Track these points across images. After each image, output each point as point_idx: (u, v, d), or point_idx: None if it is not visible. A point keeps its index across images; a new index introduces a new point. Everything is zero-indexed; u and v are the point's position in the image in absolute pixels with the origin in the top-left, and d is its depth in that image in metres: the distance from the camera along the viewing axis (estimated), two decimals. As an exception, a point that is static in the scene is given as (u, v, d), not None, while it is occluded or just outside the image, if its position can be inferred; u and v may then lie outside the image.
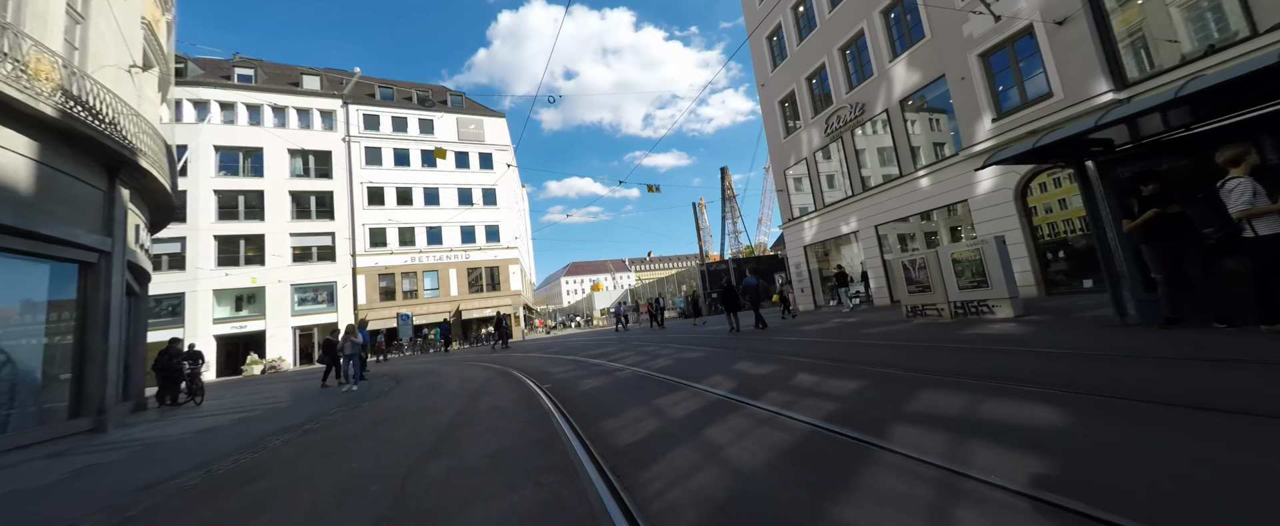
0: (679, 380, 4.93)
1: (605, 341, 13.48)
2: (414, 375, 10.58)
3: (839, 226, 15.06)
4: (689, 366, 6.02)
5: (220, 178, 27.04)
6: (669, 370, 5.82)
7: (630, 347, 10.17)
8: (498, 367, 9.46)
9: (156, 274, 26.12)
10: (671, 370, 5.80)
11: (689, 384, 4.62)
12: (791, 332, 9.13)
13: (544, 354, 11.50)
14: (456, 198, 32.91)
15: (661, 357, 7.37)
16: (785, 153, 17.71)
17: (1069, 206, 9.18)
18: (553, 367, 8.12)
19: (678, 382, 4.80)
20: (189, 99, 27.02)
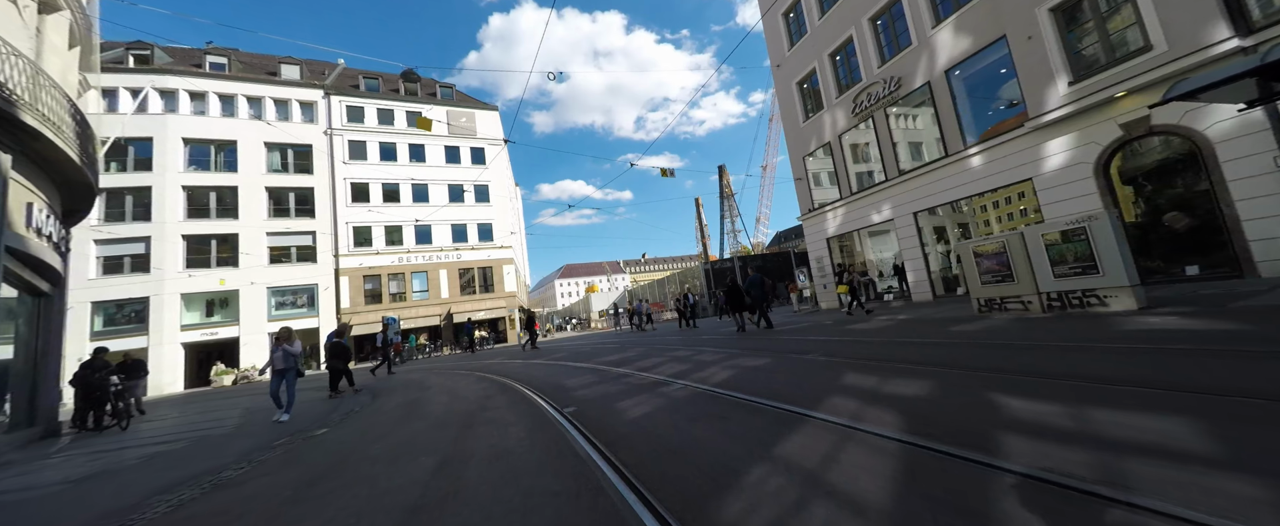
0: (778, 405, 3.41)
1: (619, 344, 11.94)
2: (394, 389, 8.96)
3: (869, 215, 13.69)
4: (764, 378, 4.52)
5: (190, 173, 25.08)
6: (742, 385, 4.29)
7: (656, 350, 8.66)
8: (495, 378, 7.90)
9: (117, 277, 24.11)
10: (745, 385, 4.28)
11: (804, 412, 3.11)
12: (847, 331, 7.66)
13: (550, 359, 9.95)
14: (447, 194, 31.17)
15: (710, 365, 5.84)
16: (804, 138, 16.34)
17: (1167, 181, 7.84)
18: (568, 379, 6.56)
19: (780, 409, 3.29)
20: (155, 87, 25.03)
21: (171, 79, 25.36)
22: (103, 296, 22.52)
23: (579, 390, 5.25)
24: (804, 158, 16.40)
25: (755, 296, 10.68)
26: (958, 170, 10.93)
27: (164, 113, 24.94)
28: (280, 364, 6.92)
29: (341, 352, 9.67)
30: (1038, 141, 9.16)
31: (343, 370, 9.57)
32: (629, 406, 4.01)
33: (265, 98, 27.39)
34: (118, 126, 23.90)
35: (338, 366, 9.56)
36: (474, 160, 32.75)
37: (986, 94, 10.47)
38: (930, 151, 11.96)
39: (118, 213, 23.68)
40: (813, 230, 16.28)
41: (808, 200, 16.42)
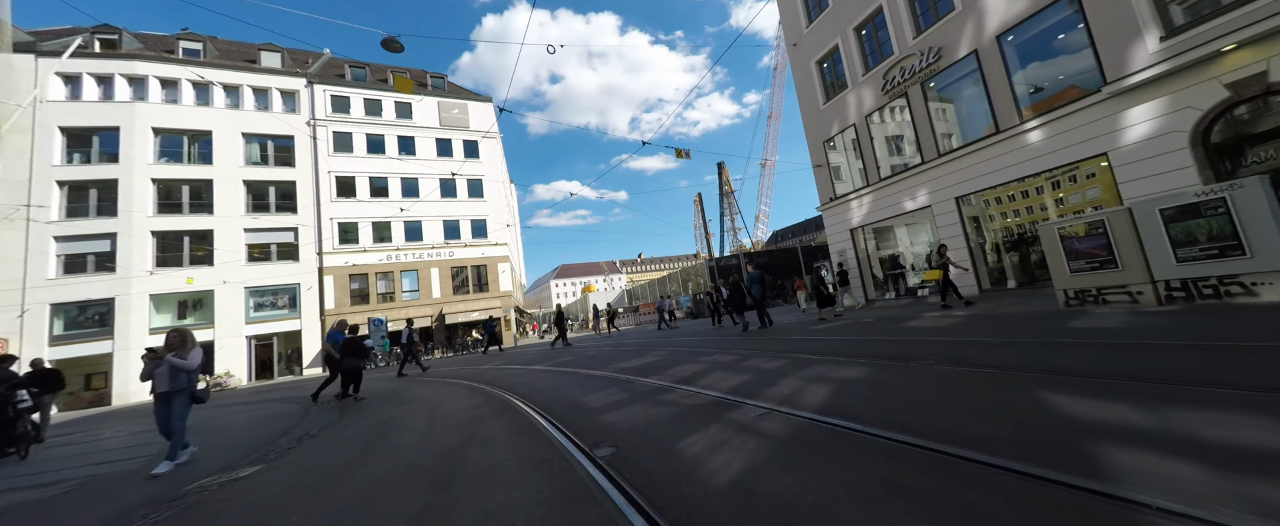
0: (989, 461, 2.09)
1: (638, 345, 10.60)
2: (367, 405, 7.56)
3: (901, 202, 12.46)
4: (892, 398, 3.20)
5: (160, 165, 23.40)
6: (867, 411, 2.94)
7: (685, 352, 7.33)
8: (490, 390, 6.54)
9: (80, 276, 22.36)
10: (877, 412, 2.92)
11: (1062, 480, 1.79)
12: (911, 329, 6.37)
13: (553, 364, 8.61)
14: (438, 189, 29.65)
15: (781, 376, 4.49)
16: (825, 122, 15.10)
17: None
18: (585, 393, 5.16)
19: (1000, 469, 1.97)
20: (122, 73, 23.34)
21: (141, 65, 23.67)
22: (63, 298, 20.83)
23: (606, 414, 3.84)
24: (824, 143, 15.17)
25: (756, 295, 10.38)
26: (1010, 148, 9.72)
27: (132, 101, 23.25)
28: (164, 384, 4.50)
29: (359, 350, 8.44)
30: (1116, 109, 7.95)
31: (358, 371, 8.38)
32: (695, 448, 2.61)
33: (243, 86, 25.75)
34: (82, 115, 22.26)
35: (356, 366, 8.36)
36: (467, 153, 31.27)
37: (1047, 60, 9.26)
38: (973, 129, 10.74)
39: (81, 207, 21.98)
40: (834, 221, 15.04)
41: (828, 189, 15.18)
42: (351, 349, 8.38)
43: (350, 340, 8.45)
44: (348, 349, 8.34)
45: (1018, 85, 9.61)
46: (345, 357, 8.26)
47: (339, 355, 8.33)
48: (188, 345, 4.73)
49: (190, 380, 4.71)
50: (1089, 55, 8.34)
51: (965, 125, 10.97)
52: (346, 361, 8.32)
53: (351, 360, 8.32)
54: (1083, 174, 9.12)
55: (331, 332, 8.74)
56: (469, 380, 8.01)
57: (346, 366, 8.36)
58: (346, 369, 8.34)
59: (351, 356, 8.32)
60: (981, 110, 10.39)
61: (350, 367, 8.39)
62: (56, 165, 21.74)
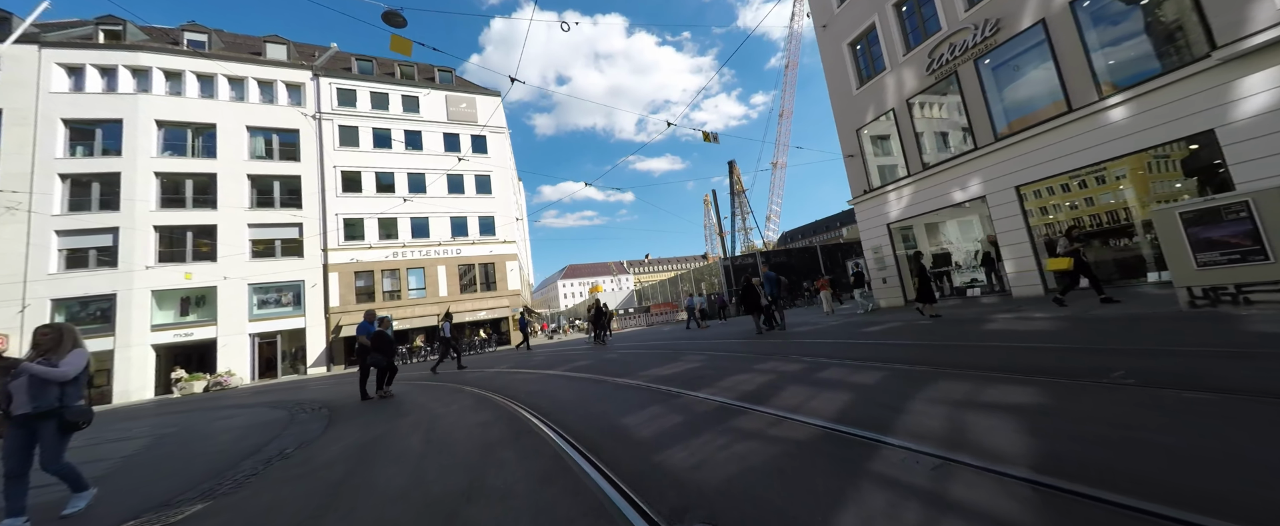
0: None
1: (666, 347, 9.61)
2: (353, 416, 6.68)
3: (949, 193, 11.34)
4: (1112, 441, 2.18)
5: (163, 158, 22.90)
6: (1108, 470, 1.93)
7: (734, 362, 6.32)
8: (502, 403, 5.59)
9: (81, 271, 21.89)
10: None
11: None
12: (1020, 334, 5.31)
13: (571, 370, 7.66)
14: (446, 185, 28.93)
15: (900, 399, 3.48)
16: (858, 109, 14.00)
17: None
18: (627, 412, 4.13)
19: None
20: (125, 65, 22.89)
21: (145, 56, 23.21)
22: (64, 293, 20.35)
23: (668, 450, 2.75)
24: (857, 131, 14.06)
25: (770, 295, 10.25)
26: (1086, 128, 8.58)
27: (136, 92, 22.77)
28: (26, 402, 3.09)
29: (385, 345, 7.77)
30: (1227, 78, 6.81)
31: (386, 366, 7.73)
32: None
33: (248, 78, 25.21)
34: (85, 107, 21.81)
35: (381, 362, 7.69)
36: (475, 148, 30.51)
37: (1132, 26, 8.11)
38: (1037, 109, 9.59)
39: (83, 201, 21.53)
40: (869, 215, 13.92)
41: (862, 181, 14.07)
42: (377, 344, 7.61)
43: (377, 335, 7.70)
44: (374, 344, 7.57)
45: (1097, 57, 8.47)
46: (371, 353, 7.59)
47: (369, 346, 7.69)
48: (63, 346, 3.29)
49: (64, 397, 3.21)
50: (1189, 17, 7.19)
51: (1027, 105, 9.83)
52: (371, 357, 7.54)
53: (376, 356, 7.63)
54: (1176, 156, 7.97)
55: (363, 323, 7.99)
56: (477, 386, 7.07)
57: (370, 362, 7.63)
58: (372, 364, 7.62)
59: (376, 352, 7.63)
60: (1047, 88, 9.26)
61: (375, 363, 7.60)
62: (59, 157, 21.30)
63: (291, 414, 7.33)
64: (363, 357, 7.80)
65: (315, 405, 7.93)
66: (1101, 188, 9.65)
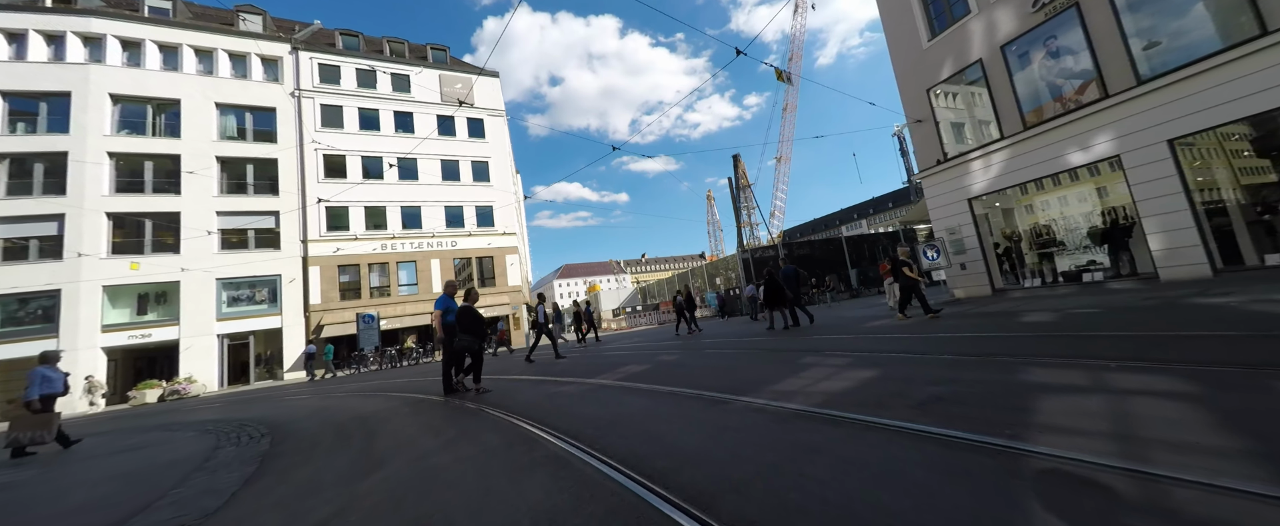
0: None
1: (713, 350, 7.39)
2: (296, 434, 4.38)
3: (1063, 155, 9.25)
4: None
5: (119, 137, 20.32)
6: None
7: (794, 362, 4.11)
8: (525, 427, 3.35)
9: (21, 264, 19.23)
10: None
11: None
12: None
13: (615, 379, 5.43)
14: (440, 171, 26.54)
15: None
16: (929, 65, 11.91)
17: None
18: (721, 437, 2.00)
19: None
20: (76, 32, 20.28)
21: (98, 22, 20.60)
22: (9, 288, 17.72)
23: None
24: (928, 91, 11.96)
25: (791, 290, 9.65)
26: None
27: (87, 62, 20.17)
28: None
29: (474, 323, 5.95)
30: None
31: (475, 352, 6.01)
32: None
33: (218, 50, 22.67)
34: (26, 78, 19.18)
35: (470, 345, 5.90)
36: (471, 132, 28.15)
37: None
38: (1200, 40, 7.52)
39: (23, 184, 18.89)
40: (943, 190, 11.82)
41: (933, 150, 11.97)
42: (466, 323, 5.83)
43: (465, 310, 5.91)
44: (463, 323, 5.83)
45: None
46: (457, 337, 5.83)
47: (450, 328, 5.93)
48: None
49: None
50: None
51: (1187, 36, 7.75)
52: (459, 339, 5.81)
53: (464, 338, 5.79)
54: None
55: (443, 298, 6.17)
56: (503, 410, 4.71)
57: (458, 345, 5.83)
58: (459, 349, 5.86)
59: (466, 332, 5.81)
60: (1219, 11, 7.18)
61: (463, 347, 5.85)
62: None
63: (217, 442, 5.04)
64: (449, 339, 5.96)
65: (257, 429, 5.62)
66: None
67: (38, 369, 6.33)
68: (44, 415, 6.21)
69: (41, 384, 6.25)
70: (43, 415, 6.19)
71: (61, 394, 6.52)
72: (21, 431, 5.94)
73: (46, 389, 6.30)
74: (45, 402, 6.28)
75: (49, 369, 6.44)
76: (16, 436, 5.87)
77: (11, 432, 5.95)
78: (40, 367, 6.36)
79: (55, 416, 6.30)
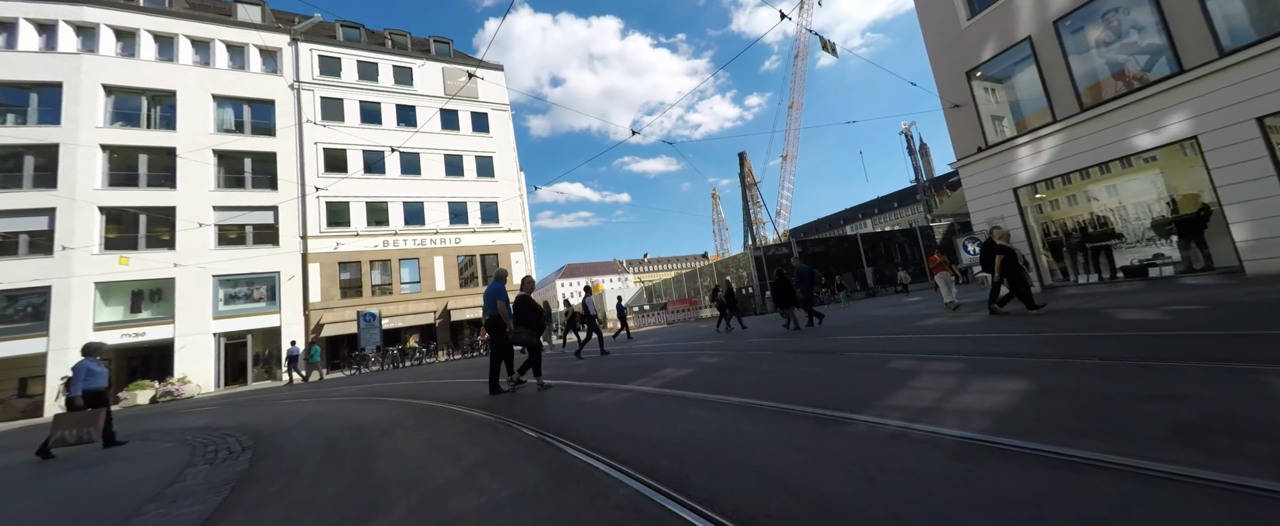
0: None
1: (773, 356, 6.61)
2: (281, 449, 3.64)
3: (1127, 138, 8.45)
4: None
5: (113, 129, 19.64)
6: None
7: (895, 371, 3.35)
8: (587, 461, 2.61)
9: (10, 260, 18.51)
10: None
11: None
12: None
13: (661, 379, 4.67)
14: (443, 166, 25.82)
15: None
16: (969, 45, 11.12)
17: None
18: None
19: None
20: (68, 20, 19.62)
21: (91, 11, 19.93)
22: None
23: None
24: (968, 74, 11.17)
25: (803, 289, 9.74)
26: None
27: (79, 52, 19.50)
28: None
29: (533, 314, 5.44)
30: None
31: (534, 346, 5.40)
32: None
33: (215, 41, 21.99)
34: (17, 67, 18.53)
35: (531, 339, 5.34)
36: (475, 127, 27.43)
37: None
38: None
39: (12, 178, 18.24)
40: (983, 179, 11.03)
41: (972, 136, 11.17)
42: (524, 314, 5.29)
43: (522, 300, 5.42)
44: (520, 315, 5.30)
45: None
46: (511, 331, 5.28)
47: (495, 322, 5.41)
48: None
49: None
50: None
51: (1275, 2, 6.95)
52: (516, 332, 5.25)
53: (523, 331, 5.26)
54: None
55: (494, 285, 5.53)
56: (535, 426, 3.84)
57: (517, 339, 5.25)
58: (518, 343, 5.26)
59: (523, 324, 5.29)
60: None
61: (523, 341, 5.26)
62: (-17, 126, 18.00)
63: (192, 457, 4.30)
64: (497, 335, 5.46)
65: (239, 441, 4.88)
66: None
67: (81, 362, 5.77)
68: (88, 412, 5.63)
69: (85, 378, 5.69)
70: (87, 412, 5.61)
71: (105, 388, 6.00)
72: (66, 430, 5.40)
73: (91, 384, 5.73)
74: (89, 399, 5.72)
75: (92, 362, 5.85)
76: (62, 435, 5.34)
77: (54, 431, 5.40)
78: (83, 361, 5.79)
79: (100, 413, 5.69)
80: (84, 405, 5.65)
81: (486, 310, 5.51)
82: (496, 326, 5.42)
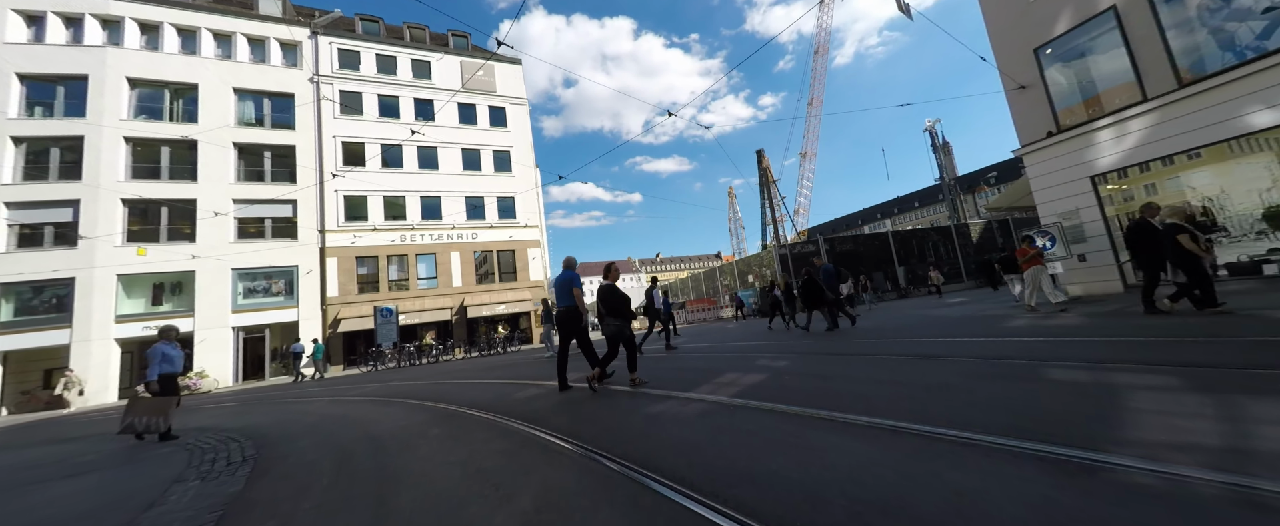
0: None
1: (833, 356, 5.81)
2: (285, 463, 2.99)
3: (1239, 116, 7.37)
4: None
5: (136, 122, 19.65)
6: None
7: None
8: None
9: (35, 251, 18.63)
10: None
11: None
12: None
13: (741, 389, 3.91)
14: (460, 161, 25.43)
15: None
16: (1038, 19, 10.08)
17: None
18: None
19: None
20: (94, 14, 19.69)
21: (116, 4, 19.98)
22: (15, 276, 17.13)
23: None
24: (1036, 51, 10.12)
25: (832, 289, 9.40)
26: None
27: (104, 45, 19.55)
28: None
29: (622, 304, 4.87)
30: None
31: (627, 339, 4.88)
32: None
33: (237, 34, 21.91)
34: (44, 60, 18.63)
35: (622, 331, 4.85)
36: (493, 121, 26.99)
37: None
38: None
39: (39, 169, 18.33)
40: (1053, 167, 9.98)
41: (1041, 120, 10.13)
42: (613, 304, 4.75)
43: (609, 289, 4.86)
44: (607, 304, 4.74)
45: None
46: (607, 319, 4.77)
47: (583, 308, 4.98)
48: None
49: None
50: None
51: None
52: (606, 324, 4.73)
53: (614, 323, 4.76)
54: None
55: (566, 274, 5.08)
56: (606, 451, 3.12)
57: (609, 332, 4.73)
58: (608, 335, 4.74)
59: (613, 315, 4.78)
60: None
61: (613, 333, 4.74)
62: (13, 117, 18.13)
63: (185, 469, 3.69)
64: (572, 326, 4.94)
65: (241, 448, 4.27)
66: None
67: (157, 345, 5.52)
68: (163, 399, 5.37)
69: (161, 362, 5.46)
70: (161, 400, 5.35)
71: (181, 374, 5.71)
72: (137, 416, 5.11)
73: (166, 368, 5.52)
74: (164, 384, 5.52)
75: (168, 345, 5.60)
76: (132, 422, 5.07)
77: (127, 417, 5.13)
78: (160, 344, 5.55)
79: (173, 401, 5.45)
80: (160, 390, 5.43)
81: (561, 300, 5.01)
82: (571, 317, 4.90)
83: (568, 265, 5.17)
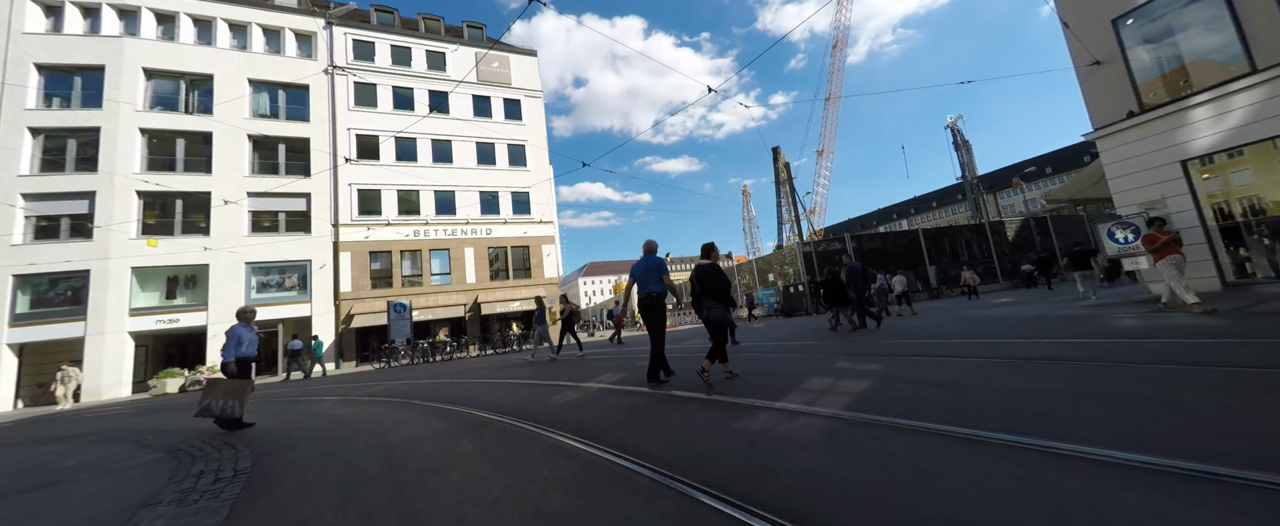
0: None
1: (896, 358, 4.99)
2: (284, 479, 2.33)
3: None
4: None
5: (151, 113, 19.44)
6: None
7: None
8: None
9: (51, 243, 18.43)
10: None
11: None
12: None
13: (845, 400, 3.16)
14: (475, 155, 24.91)
15: None
16: (1114, -13, 9.05)
17: None
18: None
19: None
20: (111, 4, 19.52)
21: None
22: (31, 267, 16.99)
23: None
24: (1114, 23, 9.11)
25: (855, 288, 8.99)
26: None
27: (121, 35, 19.38)
28: None
29: (724, 287, 4.48)
30: None
31: (725, 326, 4.50)
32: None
33: (252, 25, 21.64)
34: (62, 51, 18.50)
35: (724, 317, 4.42)
36: (508, 114, 26.43)
37: None
38: None
39: (56, 160, 18.19)
40: (1135, 151, 8.96)
41: (1120, 99, 9.11)
42: (715, 287, 4.40)
43: (711, 269, 4.52)
44: (707, 287, 4.40)
45: None
46: (705, 303, 4.42)
47: (675, 292, 4.79)
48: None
49: None
50: None
51: None
52: (709, 309, 4.37)
53: (714, 307, 4.40)
54: None
55: (648, 258, 4.74)
56: (701, 482, 2.39)
57: (709, 318, 4.37)
58: (709, 321, 4.36)
59: (714, 299, 4.41)
60: None
61: (715, 319, 4.35)
62: (30, 108, 18.01)
63: (166, 485, 3.02)
64: (655, 316, 4.60)
65: (236, 458, 3.59)
66: None
67: (234, 327, 5.39)
68: (239, 382, 5.20)
69: (236, 344, 5.31)
70: (239, 383, 5.18)
71: (255, 358, 5.55)
72: (213, 399, 5.00)
73: (242, 351, 5.37)
74: (241, 366, 5.37)
75: (244, 327, 5.45)
76: (208, 404, 4.97)
77: (204, 399, 5.02)
78: (236, 325, 5.42)
79: (247, 384, 5.24)
80: (237, 373, 5.28)
81: (645, 286, 4.58)
82: (653, 305, 4.52)
83: (649, 249, 4.77)
